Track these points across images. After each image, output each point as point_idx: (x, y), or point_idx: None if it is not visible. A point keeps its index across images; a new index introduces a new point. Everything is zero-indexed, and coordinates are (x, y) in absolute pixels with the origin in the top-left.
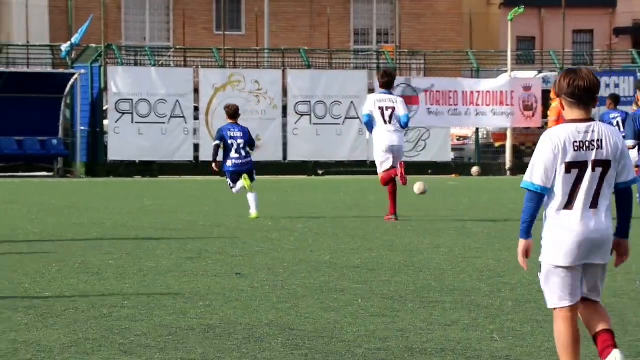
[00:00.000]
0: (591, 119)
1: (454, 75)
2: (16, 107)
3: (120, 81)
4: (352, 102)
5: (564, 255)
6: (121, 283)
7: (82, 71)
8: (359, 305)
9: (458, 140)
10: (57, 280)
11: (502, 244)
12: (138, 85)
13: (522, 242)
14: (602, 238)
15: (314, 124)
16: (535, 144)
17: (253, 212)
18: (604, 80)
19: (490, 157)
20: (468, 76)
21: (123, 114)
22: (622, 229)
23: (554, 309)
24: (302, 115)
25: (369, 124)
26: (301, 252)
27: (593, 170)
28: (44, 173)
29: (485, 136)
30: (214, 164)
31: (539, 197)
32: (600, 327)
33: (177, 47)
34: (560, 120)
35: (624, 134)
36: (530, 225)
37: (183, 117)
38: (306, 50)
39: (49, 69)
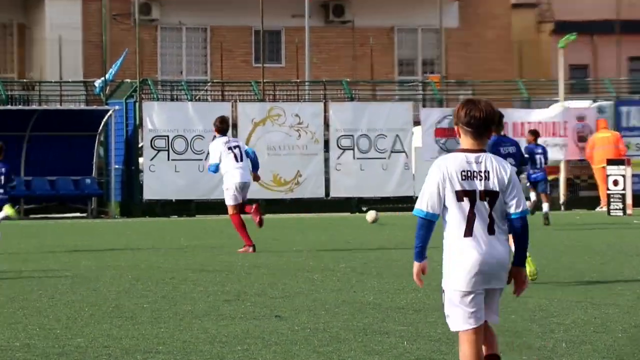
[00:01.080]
0: (482, 150)
1: (504, 105)
2: (49, 145)
3: (156, 117)
4: (397, 135)
5: (466, 280)
6: (156, 327)
7: (117, 107)
8: (404, 348)
9: None
10: (89, 325)
11: (555, 283)
12: (174, 120)
13: (417, 265)
14: (499, 263)
15: (358, 158)
16: (590, 177)
17: None
18: None
19: None
20: (518, 106)
21: (159, 151)
22: (519, 259)
23: (458, 332)
24: (345, 149)
25: (216, 170)
26: (344, 292)
27: (482, 199)
28: (78, 214)
29: None
30: None
31: (428, 222)
32: (487, 351)
33: (215, 80)
34: (592, 149)
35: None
36: (423, 249)
37: None
38: (349, 81)
39: (83, 106)
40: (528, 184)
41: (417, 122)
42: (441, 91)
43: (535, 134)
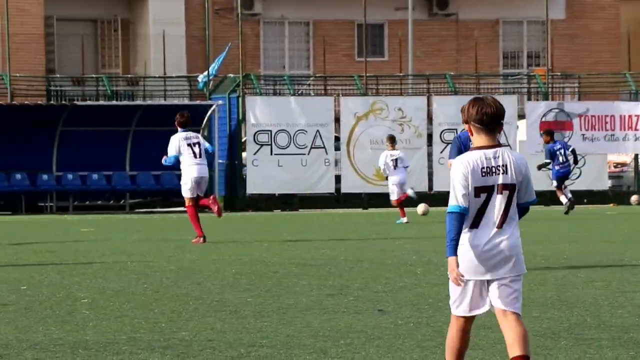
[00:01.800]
0: (498, 145)
1: (611, 98)
2: (154, 140)
3: (259, 112)
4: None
5: (466, 269)
6: (259, 321)
7: (220, 102)
8: None
9: (615, 167)
10: (194, 319)
11: None
12: (277, 115)
13: (452, 260)
14: (505, 255)
15: None
16: None
17: None
18: None
19: None
20: (626, 99)
21: (262, 145)
22: None
23: (452, 315)
24: (448, 143)
25: (174, 162)
26: (447, 287)
27: (500, 193)
28: (182, 208)
29: None
30: None
31: (462, 216)
32: (514, 352)
33: (317, 75)
34: None
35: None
36: (458, 243)
37: (324, 147)
38: (452, 75)
39: (186, 101)
40: (554, 184)
41: (521, 116)
42: (547, 84)
43: (549, 133)
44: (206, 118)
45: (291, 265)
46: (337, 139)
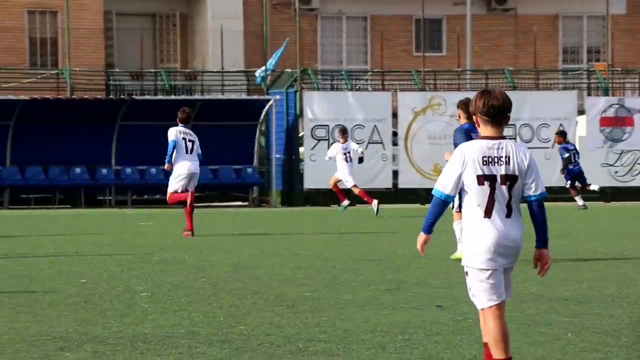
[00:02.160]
0: (502, 137)
1: None
2: (211, 135)
3: (316, 106)
4: (561, 124)
5: (486, 259)
6: (317, 316)
7: (277, 97)
8: (568, 340)
9: None
10: (251, 313)
11: None
12: (334, 110)
13: (424, 235)
14: (516, 244)
15: None
16: None
17: None
18: None
19: None
20: None
21: (319, 140)
22: (541, 240)
23: (483, 309)
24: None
25: (172, 147)
26: None
27: (503, 183)
28: (239, 203)
29: None
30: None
31: (443, 203)
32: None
33: (375, 70)
34: None
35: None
36: (432, 224)
37: (381, 142)
38: (511, 70)
39: (244, 96)
40: (568, 184)
41: (581, 112)
42: (607, 80)
43: (562, 134)
44: (263, 113)
45: (348, 260)
46: (394, 134)
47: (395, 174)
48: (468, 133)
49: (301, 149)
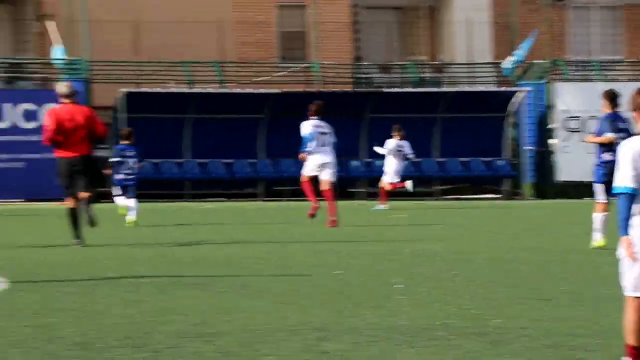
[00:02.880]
0: None
1: None
2: (460, 127)
3: (568, 98)
4: None
5: None
6: (575, 310)
7: (528, 88)
8: None
9: None
10: (506, 306)
11: None
12: (588, 102)
13: (625, 239)
14: None
15: None
16: None
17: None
18: None
19: None
20: None
21: (572, 132)
22: None
23: (630, 297)
24: None
25: (309, 140)
26: None
27: None
28: (491, 195)
29: None
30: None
31: (632, 197)
32: None
33: (629, 60)
34: None
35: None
36: (627, 222)
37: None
38: None
39: (492, 87)
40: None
41: None
42: None
43: None
44: (515, 105)
45: (605, 253)
46: None
47: None
48: (611, 121)
49: (550, 141)
